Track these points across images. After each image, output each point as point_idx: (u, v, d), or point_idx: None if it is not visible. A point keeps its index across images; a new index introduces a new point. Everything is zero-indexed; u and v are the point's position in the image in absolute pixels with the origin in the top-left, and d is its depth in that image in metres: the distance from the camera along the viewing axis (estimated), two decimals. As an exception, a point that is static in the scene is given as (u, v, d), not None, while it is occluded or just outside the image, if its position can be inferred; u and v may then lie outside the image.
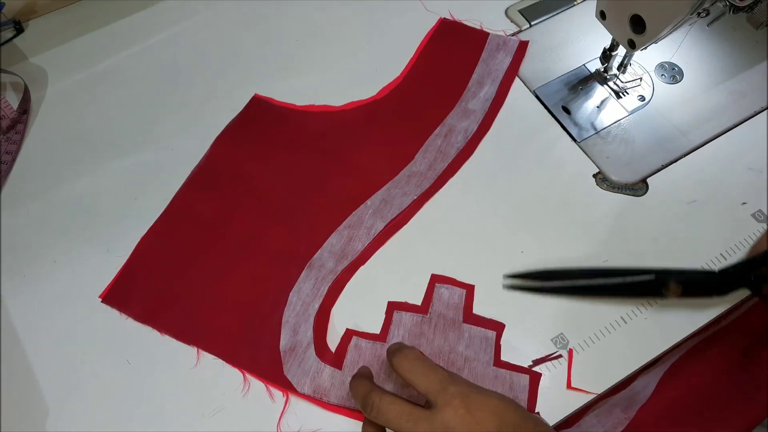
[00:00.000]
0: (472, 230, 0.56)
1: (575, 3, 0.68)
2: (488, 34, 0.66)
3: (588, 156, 0.59)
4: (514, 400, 0.42)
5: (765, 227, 0.54)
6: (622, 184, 0.57)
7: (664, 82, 0.63)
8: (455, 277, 0.53)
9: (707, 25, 0.52)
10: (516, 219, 0.56)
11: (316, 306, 0.51)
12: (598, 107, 0.61)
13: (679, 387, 0.56)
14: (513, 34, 0.66)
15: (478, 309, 0.51)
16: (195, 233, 0.56)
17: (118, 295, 0.53)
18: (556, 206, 0.57)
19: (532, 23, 0.67)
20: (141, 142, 0.62)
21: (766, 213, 0.55)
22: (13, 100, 0.63)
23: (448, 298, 0.50)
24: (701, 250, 0.54)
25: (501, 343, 0.50)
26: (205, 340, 0.51)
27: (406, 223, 0.56)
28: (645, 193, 0.57)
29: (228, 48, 0.68)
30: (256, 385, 0.49)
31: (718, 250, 0.54)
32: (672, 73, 0.63)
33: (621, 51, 0.60)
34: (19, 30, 0.68)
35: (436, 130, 0.61)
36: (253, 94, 0.64)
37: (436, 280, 0.51)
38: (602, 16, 0.56)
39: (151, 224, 0.57)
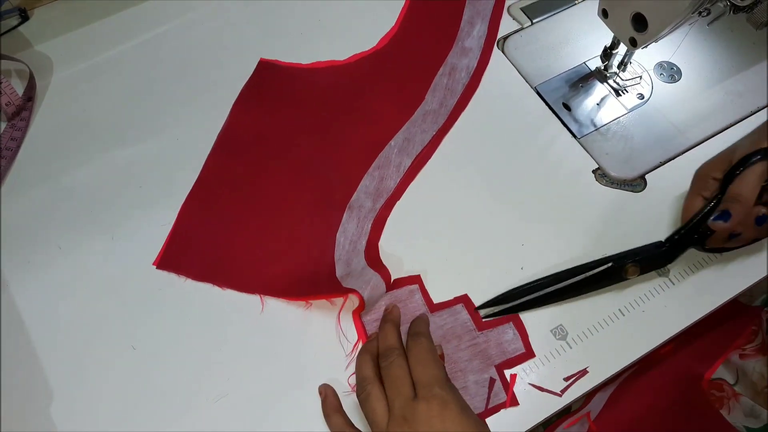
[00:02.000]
0: (472, 224, 0.56)
1: (576, 1, 0.69)
2: None
3: (588, 152, 0.60)
4: None
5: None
6: (621, 180, 0.58)
7: (663, 81, 0.64)
8: (453, 265, 0.54)
9: (707, 25, 0.53)
10: (516, 213, 0.57)
11: (364, 242, 0.54)
12: (598, 104, 0.62)
13: (629, 402, 0.59)
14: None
15: (474, 300, 0.53)
16: (232, 194, 0.57)
17: (171, 260, 0.54)
18: (556, 201, 0.57)
19: (534, 21, 0.67)
20: (145, 130, 0.62)
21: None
22: (19, 88, 0.63)
23: (508, 341, 0.51)
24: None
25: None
26: (266, 287, 0.53)
27: (430, 158, 0.59)
28: (643, 189, 0.58)
29: (233, 40, 0.68)
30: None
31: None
32: (671, 72, 0.64)
33: (621, 49, 0.61)
34: (25, 18, 0.68)
35: (440, 70, 0.64)
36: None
37: (513, 320, 0.51)
38: (604, 14, 0.57)
39: (155, 212, 0.57)
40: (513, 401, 0.48)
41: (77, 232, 0.57)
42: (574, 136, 0.61)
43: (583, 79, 0.64)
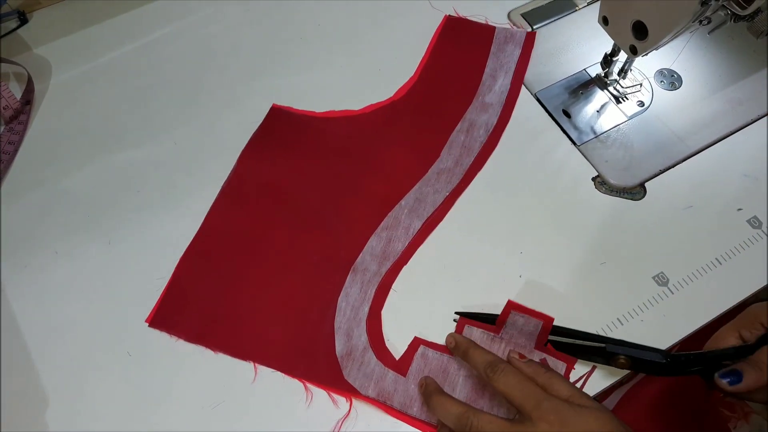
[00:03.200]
0: (471, 230, 0.56)
1: (577, 8, 0.68)
2: (494, 27, 0.67)
3: (587, 159, 0.60)
4: (611, 414, 0.41)
5: (761, 234, 0.55)
6: (621, 188, 0.58)
7: (663, 89, 0.64)
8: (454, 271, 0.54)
9: (708, 33, 0.53)
10: (515, 220, 0.57)
11: (366, 309, 0.52)
12: (598, 111, 0.62)
13: (639, 408, 0.58)
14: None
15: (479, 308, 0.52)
16: (233, 249, 0.55)
17: (164, 318, 0.52)
18: (555, 208, 0.57)
19: (534, 27, 0.67)
20: (143, 134, 0.62)
21: (760, 219, 0.56)
22: (17, 91, 0.63)
23: (522, 325, 0.49)
24: (697, 256, 0.54)
25: (570, 375, 0.49)
26: (260, 354, 0.50)
27: (441, 220, 0.57)
28: (643, 197, 0.58)
29: (232, 44, 0.68)
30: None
31: (712, 255, 0.54)
32: (671, 79, 0.64)
33: (622, 56, 0.60)
34: (23, 21, 0.68)
35: (457, 126, 0.61)
36: (256, 92, 0.64)
37: (512, 307, 0.49)
38: (605, 21, 0.56)
39: (152, 216, 0.57)
40: (569, 359, 0.49)
41: (74, 236, 0.56)
42: (573, 143, 0.60)
43: (583, 86, 0.64)
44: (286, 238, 0.56)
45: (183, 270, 0.54)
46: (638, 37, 0.53)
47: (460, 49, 0.66)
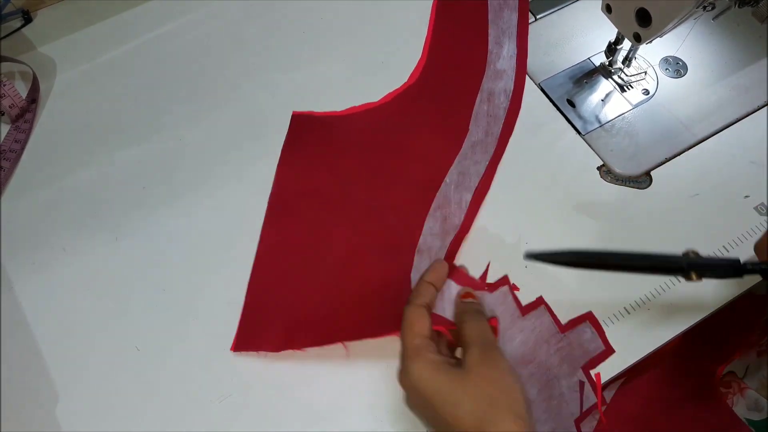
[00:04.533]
0: (476, 220, 0.56)
1: (580, -3, 0.68)
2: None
3: (592, 149, 0.59)
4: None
5: (767, 220, 0.55)
6: (626, 176, 0.58)
7: (668, 77, 0.63)
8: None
9: (713, 19, 0.52)
10: (520, 210, 0.57)
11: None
12: (602, 100, 0.62)
13: (640, 394, 0.58)
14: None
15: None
16: (296, 258, 0.54)
17: (247, 341, 0.51)
18: (560, 198, 0.57)
19: (538, 17, 0.67)
20: (148, 131, 0.62)
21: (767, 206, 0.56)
22: (22, 89, 0.64)
23: (587, 341, 0.49)
24: (703, 243, 0.54)
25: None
26: (349, 334, 0.50)
27: (489, 188, 0.57)
28: (648, 185, 0.58)
29: (234, 40, 0.68)
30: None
31: (720, 242, 0.54)
32: (676, 67, 0.64)
33: (626, 45, 0.60)
34: (28, 20, 0.68)
35: (477, 98, 0.62)
36: (260, 87, 0.64)
37: (589, 319, 0.50)
38: (608, 9, 0.56)
39: (158, 211, 0.57)
40: (603, 401, 0.47)
41: (81, 233, 0.57)
42: (578, 132, 0.60)
43: (587, 75, 0.63)
44: (344, 236, 0.55)
45: (254, 291, 0.53)
46: (642, 24, 0.53)
47: (459, 24, 0.67)
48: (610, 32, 0.59)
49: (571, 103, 0.62)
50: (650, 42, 0.54)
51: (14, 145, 0.60)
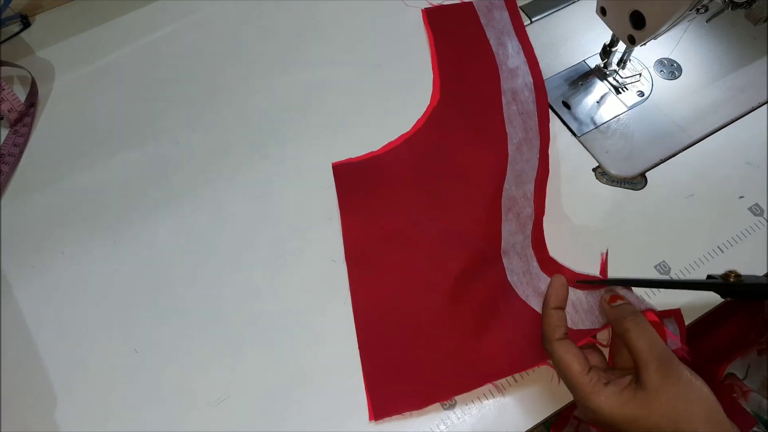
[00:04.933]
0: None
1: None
2: (471, 2, 0.69)
3: (588, 150, 0.60)
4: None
5: (762, 221, 0.55)
6: (621, 178, 0.58)
7: (663, 78, 0.63)
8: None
9: (706, 21, 0.52)
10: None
11: (535, 264, 0.53)
12: (597, 102, 0.62)
13: None
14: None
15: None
16: (396, 310, 0.53)
17: (383, 406, 0.49)
18: (557, 199, 0.57)
19: (533, 19, 0.67)
20: (146, 135, 0.62)
21: (762, 207, 0.56)
22: (21, 94, 0.64)
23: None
24: (698, 244, 0.54)
25: None
26: (480, 376, 0.49)
27: (548, 172, 0.58)
28: (644, 187, 0.58)
29: (230, 43, 0.68)
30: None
31: (715, 243, 0.54)
32: (671, 69, 0.64)
33: (621, 47, 0.60)
34: (26, 24, 0.69)
35: (503, 101, 0.62)
36: (257, 90, 0.65)
37: (674, 314, 0.49)
38: (602, 11, 0.56)
39: (155, 215, 0.58)
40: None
41: (79, 237, 0.57)
42: (574, 134, 0.61)
43: (582, 77, 0.64)
44: (432, 271, 0.53)
45: (368, 355, 0.51)
46: (636, 26, 0.53)
47: (455, 34, 0.67)
48: (605, 34, 0.60)
49: (567, 105, 0.62)
50: (644, 44, 0.55)
51: (13, 149, 0.61)
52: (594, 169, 0.59)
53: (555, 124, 0.61)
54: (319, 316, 0.53)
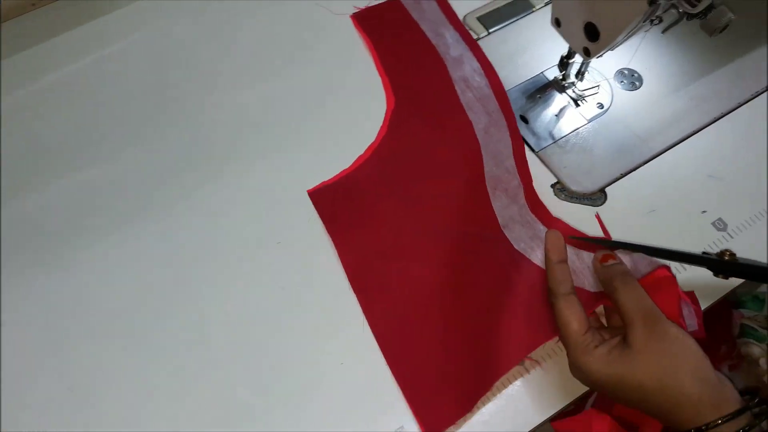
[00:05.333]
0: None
1: (534, 9, 0.66)
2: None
3: (546, 166, 0.58)
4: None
5: (726, 236, 0.54)
6: (581, 194, 0.56)
7: (624, 89, 0.62)
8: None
9: (662, 32, 0.51)
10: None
11: (541, 227, 0.54)
12: (556, 116, 0.60)
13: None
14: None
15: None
16: (413, 319, 0.51)
17: (436, 421, 0.47)
18: (514, 218, 0.56)
19: (491, 30, 0.65)
20: (94, 156, 0.60)
21: (725, 222, 0.55)
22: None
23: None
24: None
25: None
26: (516, 351, 0.49)
27: (523, 145, 0.58)
28: (604, 202, 0.56)
29: (184, 58, 0.66)
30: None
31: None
32: (631, 79, 0.62)
33: (578, 58, 0.58)
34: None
35: (457, 90, 0.61)
36: (213, 105, 0.62)
37: (689, 296, 0.48)
38: (557, 23, 0.55)
39: (102, 240, 0.55)
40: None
41: (20, 262, 0.54)
42: (532, 149, 0.59)
43: (540, 90, 0.62)
44: (435, 272, 0.53)
45: (399, 372, 0.50)
46: (591, 38, 0.51)
47: (390, 34, 0.66)
48: (563, 46, 0.58)
49: (525, 119, 0.60)
50: (600, 56, 0.53)
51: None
52: (553, 186, 0.57)
53: (513, 138, 0.60)
54: (328, 353, 0.51)
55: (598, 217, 0.55)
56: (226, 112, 0.62)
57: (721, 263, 0.45)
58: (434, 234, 0.55)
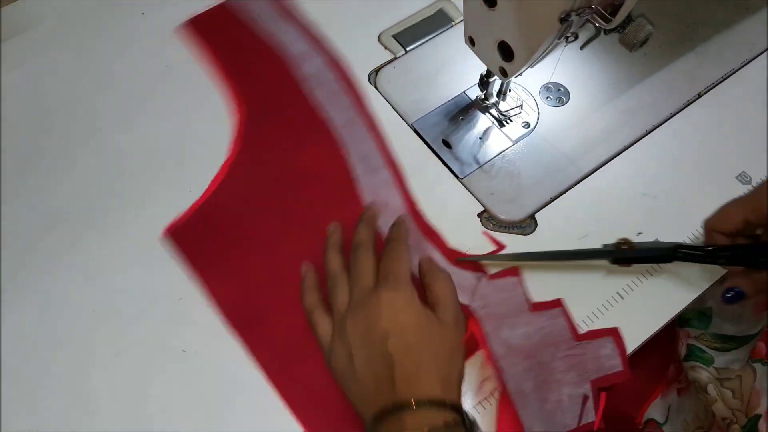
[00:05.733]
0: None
1: (454, 23, 0.63)
2: (223, 4, 0.64)
3: (471, 193, 0.54)
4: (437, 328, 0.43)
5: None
6: (509, 222, 0.53)
7: (550, 105, 0.58)
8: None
9: (580, 48, 0.47)
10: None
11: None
12: (480, 138, 0.57)
13: None
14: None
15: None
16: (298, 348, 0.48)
17: None
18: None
19: (408, 49, 0.61)
20: None
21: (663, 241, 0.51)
22: None
23: (606, 356, 0.47)
24: (596, 291, 0.50)
25: None
26: None
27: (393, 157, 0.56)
28: (534, 230, 0.52)
29: (64, 97, 0.60)
30: None
31: (614, 289, 0.50)
32: (558, 94, 0.59)
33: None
34: None
35: (304, 89, 0.59)
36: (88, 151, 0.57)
37: (612, 333, 0.48)
38: (471, 42, 0.51)
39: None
40: (600, 424, 0.46)
41: None
42: (456, 176, 0.55)
43: (462, 111, 0.58)
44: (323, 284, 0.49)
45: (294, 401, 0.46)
46: (505, 58, 0.48)
47: (223, 40, 0.62)
48: (482, 64, 0.54)
49: (447, 144, 0.56)
50: (518, 76, 0.49)
51: None
52: (479, 215, 0.53)
53: (435, 166, 0.55)
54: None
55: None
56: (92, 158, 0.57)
57: (620, 252, 0.47)
58: (315, 244, 0.51)
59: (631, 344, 0.48)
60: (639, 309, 0.49)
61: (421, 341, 0.41)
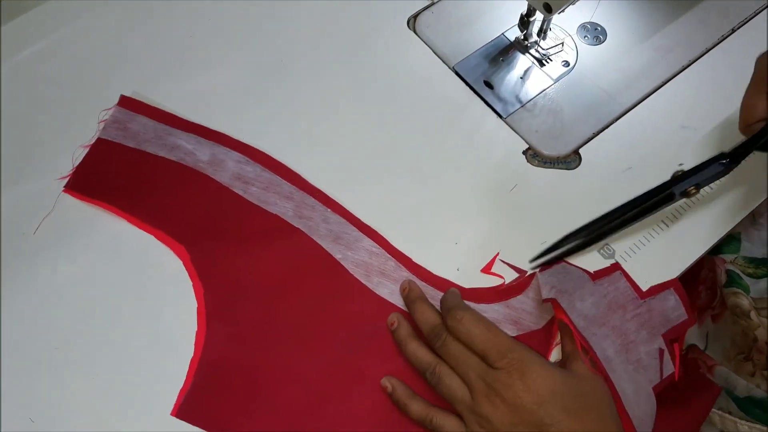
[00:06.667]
0: (401, 223, 0.52)
1: (488, -33, 0.63)
2: (100, 139, 0.54)
3: (516, 132, 0.55)
4: (576, 383, 0.42)
5: (706, 190, 0.52)
6: (554, 158, 0.54)
7: (588, 44, 0.59)
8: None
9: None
10: (447, 207, 0.52)
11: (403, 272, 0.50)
12: (521, 78, 0.58)
13: None
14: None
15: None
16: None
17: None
18: (488, 189, 0.53)
19: (444, -6, 0.62)
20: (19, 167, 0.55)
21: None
22: None
23: (670, 308, 0.48)
24: (641, 222, 0.51)
25: None
26: None
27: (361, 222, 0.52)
28: (579, 165, 0.54)
29: (115, 51, 0.61)
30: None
31: (658, 218, 0.51)
32: (595, 33, 0.60)
33: (539, 16, 0.56)
34: None
35: (238, 191, 0.52)
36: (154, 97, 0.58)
37: (673, 285, 0.49)
38: (515, -21, 0.52)
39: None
40: (680, 373, 0.47)
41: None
42: (499, 116, 0.56)
43: (503, 52, 0.59)
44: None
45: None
46: (551, -7, 0.49)
47: (120, 181, 0.53)
48: (522, 4, 0.55)
49: (489, 85, 0.57)
50: (562, 11, 0.50)
51: None
52: (524, 152, 0.54)
53: (479, 107, 0.57)
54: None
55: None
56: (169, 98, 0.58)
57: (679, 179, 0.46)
58: (334, 348, 0.47)
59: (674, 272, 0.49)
60: (679, 238, 0.51)
61: (575, 403, 0.40)
